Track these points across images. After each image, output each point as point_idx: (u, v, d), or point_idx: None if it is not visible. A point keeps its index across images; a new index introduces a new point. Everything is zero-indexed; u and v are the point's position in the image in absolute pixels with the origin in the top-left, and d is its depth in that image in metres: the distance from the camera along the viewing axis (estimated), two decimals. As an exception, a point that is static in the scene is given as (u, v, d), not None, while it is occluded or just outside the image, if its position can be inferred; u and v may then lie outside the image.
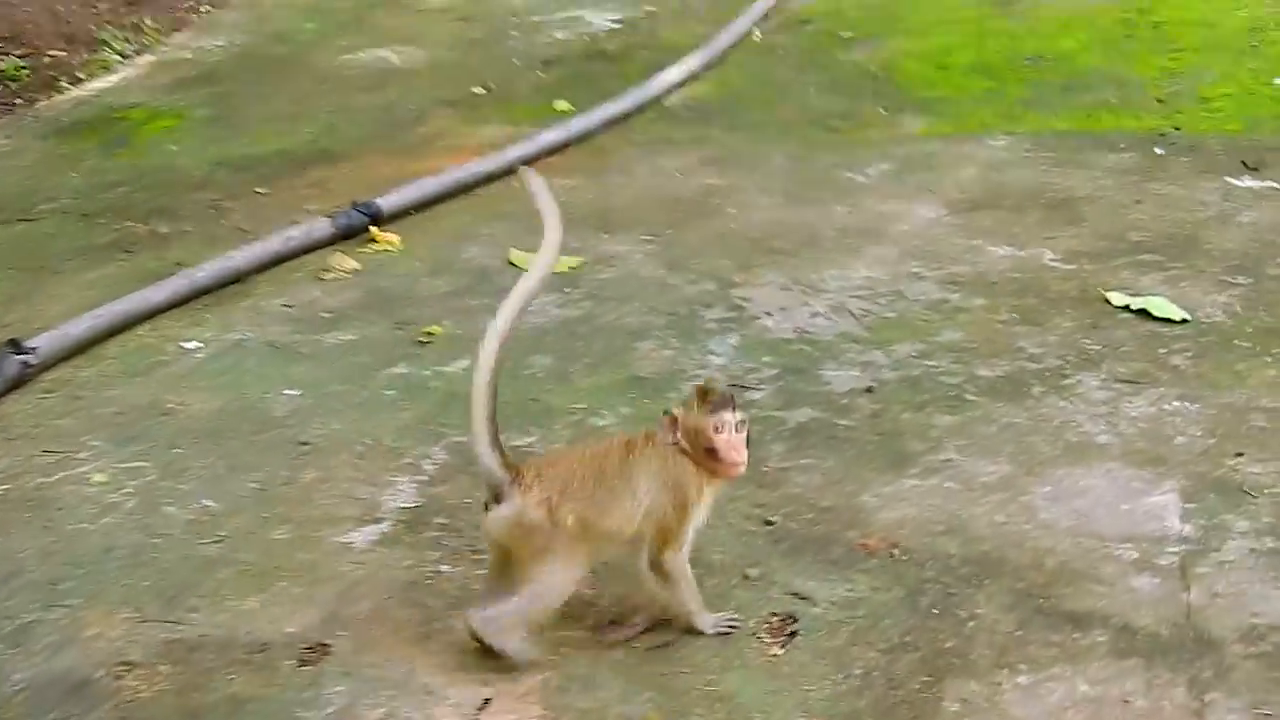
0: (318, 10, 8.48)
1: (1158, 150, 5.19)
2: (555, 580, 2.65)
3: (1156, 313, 3.90)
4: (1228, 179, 4.88)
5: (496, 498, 2.65)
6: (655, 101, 6.32)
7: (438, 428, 3.63)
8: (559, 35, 7.57)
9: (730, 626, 2.76)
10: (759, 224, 4.80)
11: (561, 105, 6.36)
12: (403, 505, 3.30)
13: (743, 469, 2.71)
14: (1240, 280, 4.09)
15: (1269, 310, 3.89)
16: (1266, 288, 4.03)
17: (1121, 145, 5.28)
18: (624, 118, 6.13)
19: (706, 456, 2.68)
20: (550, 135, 5.73)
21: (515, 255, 4.64)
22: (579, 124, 5.85)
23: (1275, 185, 4.79)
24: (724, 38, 6.96)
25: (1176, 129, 5.41)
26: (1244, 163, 4.99)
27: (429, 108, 6.54)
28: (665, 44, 7.19)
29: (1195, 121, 5.48)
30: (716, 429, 2.67)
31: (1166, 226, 4.51)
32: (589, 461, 2.70)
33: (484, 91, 6.73)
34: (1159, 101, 5.73)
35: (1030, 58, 6.39)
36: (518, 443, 3.52)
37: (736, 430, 2.68)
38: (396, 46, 7.61)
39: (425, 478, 3.41)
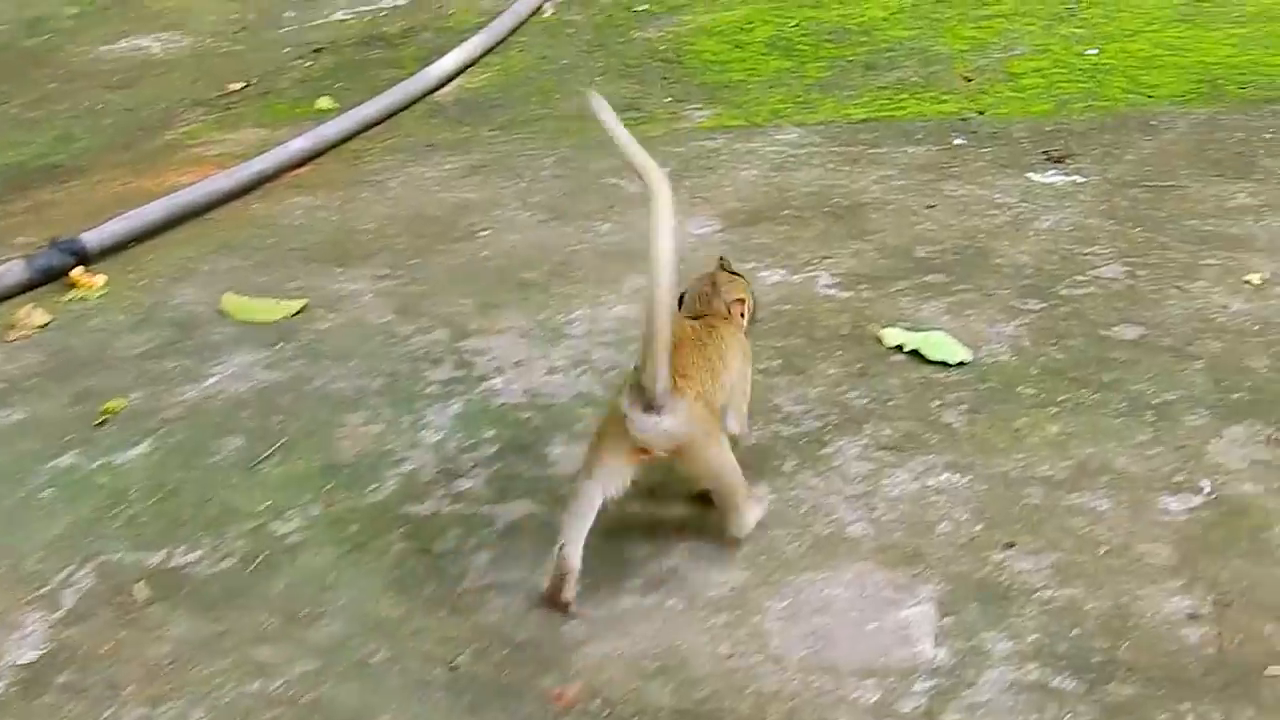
0: (82, -8, 7.77)
1: (958, 140, 4.72)
2: (728, 457, 2.71)
3: (932, 355, 3.43)
4: (1029, 174, 4.42)
5: (649, 407, 2.58)
6: (428, 95, 5.73)
7: (94, 540, 3.08)
8: (339, 15, 6.96)
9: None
10: (513, 249, 4.26)
11: (324, 103, 5.78)
12: (25, 659, 2.73)
13: None
14: (1031, 305, 3.63)
15: (1059, 343, 3.43)
16: (1058, 314, 3.57)
17: (920, 135, 4.80)
18: (390, 116, 5.54)
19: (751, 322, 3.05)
20: (299, 143, 5.13)
21: (228, 301, 4.06)
22: (334, 128, 5.26)
23: (1078, 179, 4.34)
24: (507, 19, 6.38)
25: (980, 113, 4.94)
26: (1047, 153, 4.53)
27: (180, 108, 5.92)
28: (453, 24, 6.62)
29: (1002, 103, 5.01)
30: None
31: (957, 237, 4.04)
32: (692, 349, 2.73)
33: (244, 87, 6.09)
34: (965, 80, 5.26)
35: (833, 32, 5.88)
36: (178, 561, 2.98)
37: None
38: (160, 33, 6.96)
39: (62, 613, 2.86)
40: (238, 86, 6.11)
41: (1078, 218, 4.11)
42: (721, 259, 3.16)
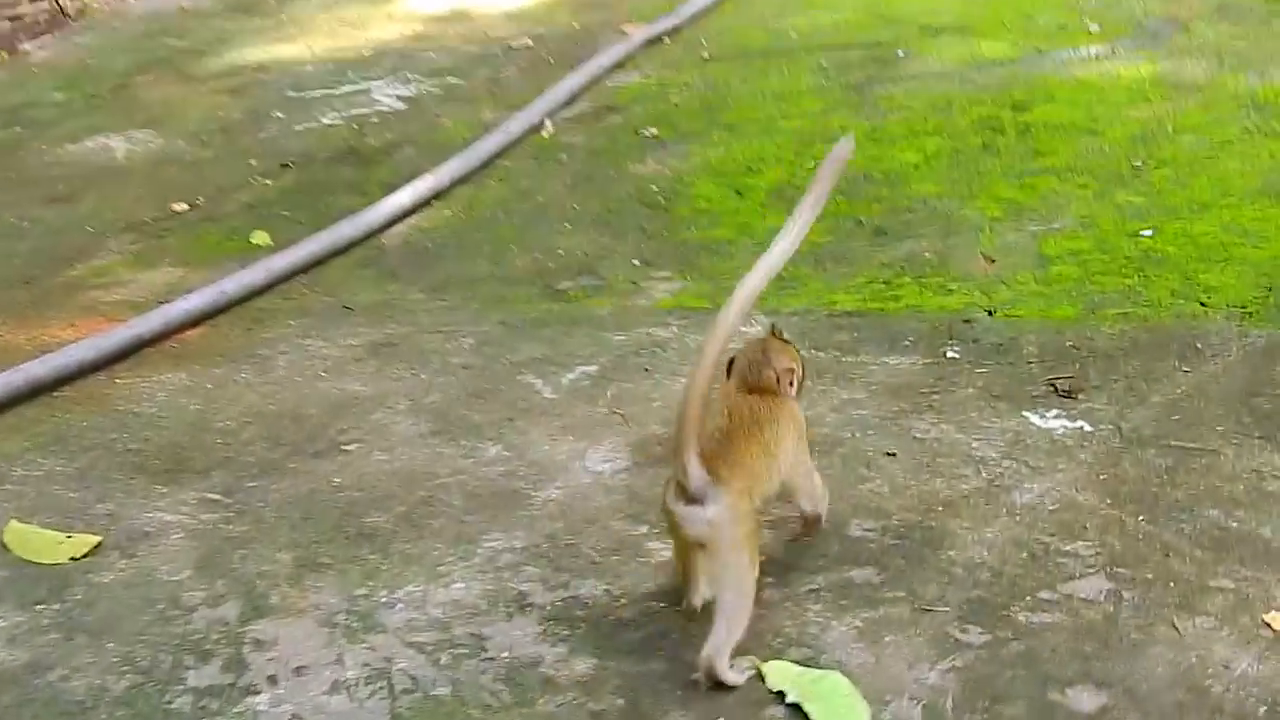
0: (82, 75, 7.22)
1: (952, 352, 3.85)
2: (750, 578, 2.64)
3: (818, 716, 2.57)
4: (1026, 414, 3.54)
5: (692, 498, 2.56)
6: (376, 233, 5.00)
7: None
8: (326, 119, 6.29)
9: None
10: (373, 476, 3.49)
11: (259, 238, 5.08)
12: None
13: None
14: (973, 635, 2.77)
15: (990, 710, 2.54)
16: (1004, 655, 2.70)
17: (909, 340, 3.94)
18: (322, 260, 4.81)
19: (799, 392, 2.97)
20: (188, 302, 4.41)
21: (12, 532, 3.35)
22: (233, 283, 4.54)
23: (1085, 427, 3.45)
24: (495, 139, 5.63)
25: (990, 312, 4.06)
26: (1054, 383, 3.63)
27: (110, 232, 5.28)
28: (443, 137, 5.89)
29: (1020, 299, 4.12)
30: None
31: (909, 509, 3.18)
32: (750, 437, 2.70)
33: (187, 209, 5.42)
34: (986, 260, 4.38)
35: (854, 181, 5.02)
36: None
37: None
38: (134, 132, 6.36)
39: None
40: (181, 208, 5.45)
41: (1069, 490, 3.22)
42: (774, 326, 3.08)
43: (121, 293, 4.73)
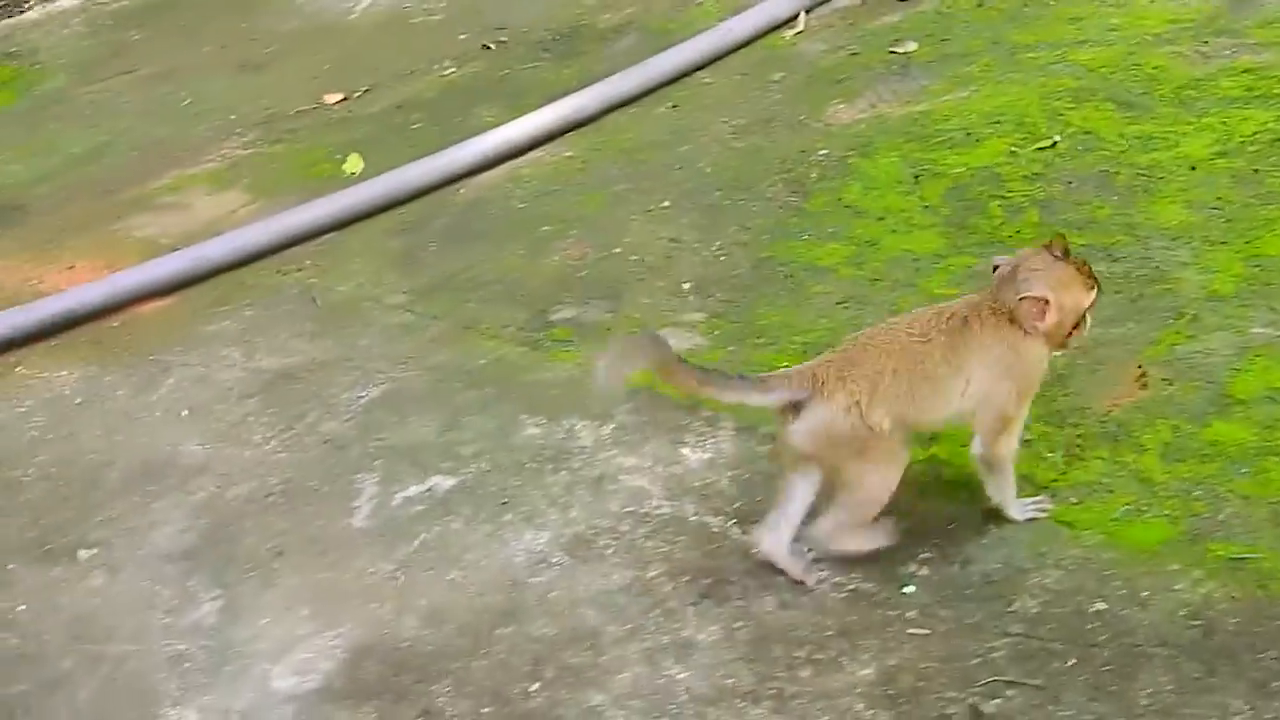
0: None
1: (911, 583, 2.44)
2: (877, 480, 2.41)
3: None
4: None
5: (796, 410, 2.39)
6: (452, 181, 4.07)
7: None
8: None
9: (1039, 511, 2.52)
10: (53, 617, 2.83)
11: (352, 164, 4.28)
12: None
13: None
14: None
15: None
16: None
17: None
18: (361, 217, 3.97)
19: (1070, 333, 2.46)
20: (161, 266, 3.75)
21: None
22: (225, 244, 3.81)
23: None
24: (711, 36, 4.44)
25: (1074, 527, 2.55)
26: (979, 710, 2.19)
27: (240, 127, 4.72)
28: (681, 21, 4.76)
29: (1103, 484, 2.58)
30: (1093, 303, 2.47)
31: None
32: (901, 352, 2.41)
33: (340, 100, 4.70)
34: (1138, 379, 2.79)
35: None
36: None
37: None
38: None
39: None
40: (333, 99, 4.71)
41: None
42: (1060, 236, 2.47)
43: (166, 221, 4.14)
